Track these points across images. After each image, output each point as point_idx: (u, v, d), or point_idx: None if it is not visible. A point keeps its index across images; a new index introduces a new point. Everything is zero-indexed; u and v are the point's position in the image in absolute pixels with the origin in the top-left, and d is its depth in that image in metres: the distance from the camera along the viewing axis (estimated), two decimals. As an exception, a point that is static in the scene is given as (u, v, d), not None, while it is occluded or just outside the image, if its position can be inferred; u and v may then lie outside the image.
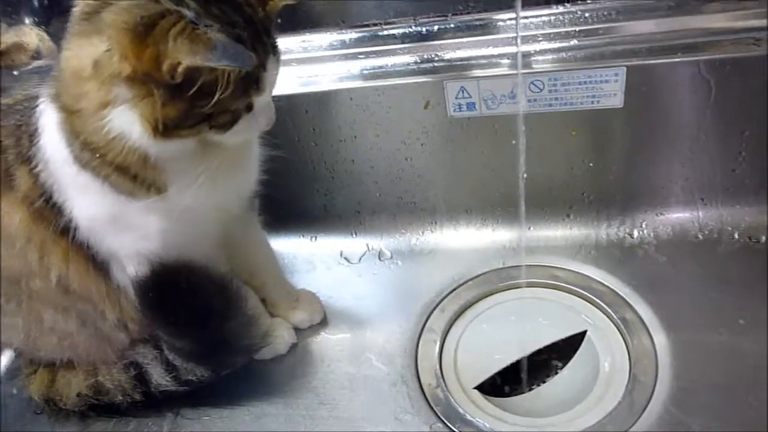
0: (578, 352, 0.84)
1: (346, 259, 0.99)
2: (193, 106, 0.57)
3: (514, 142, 0.87)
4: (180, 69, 0.53)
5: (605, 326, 0.83)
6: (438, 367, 0.82)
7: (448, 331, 0.87)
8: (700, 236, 0.90)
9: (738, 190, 0.87)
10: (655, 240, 0.91)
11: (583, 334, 0.84)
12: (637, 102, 0.82)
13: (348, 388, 0.81)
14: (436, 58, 0.86)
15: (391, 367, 0.83)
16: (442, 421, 0.76)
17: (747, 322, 0.78)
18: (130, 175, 0.62)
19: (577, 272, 0.89)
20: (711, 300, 0.82)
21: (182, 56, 0.52)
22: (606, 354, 0.81)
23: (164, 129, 0.57)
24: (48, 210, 0.67)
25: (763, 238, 0.87)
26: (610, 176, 0.90)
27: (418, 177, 0.95)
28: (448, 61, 0.86)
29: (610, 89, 0.80)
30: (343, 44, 0.90)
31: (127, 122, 0.57)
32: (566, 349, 0.86)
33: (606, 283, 0.87)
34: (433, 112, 0.86)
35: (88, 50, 0.56)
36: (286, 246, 1.02)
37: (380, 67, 0.88)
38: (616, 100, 0.81)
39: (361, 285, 0.95)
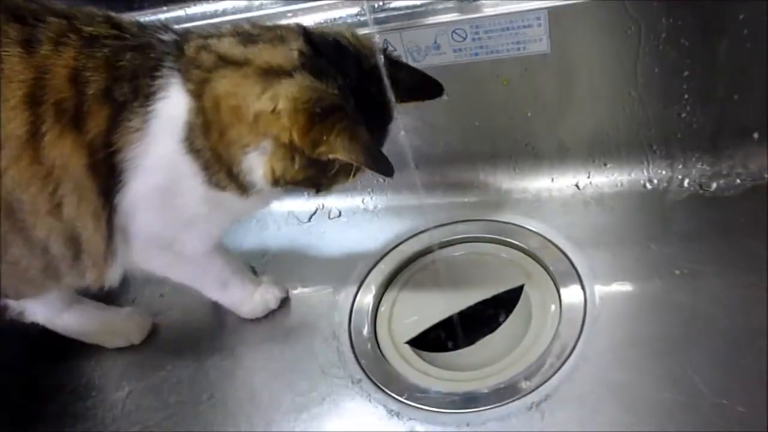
0: (516, 307, 0.83)
1: (296, 218, 1.00)
2: (319, 176, 0.66)
3: (446, 97, 0.86)
4: (331, 156, 0.61)
5: (542, 279, 0.82)
6: (372, 322, 0.83)
7: (386, 287, 0.87)
8: (649, 186, 0.86)
9: (688, 136, 0.83)
10: (601, 191, 0.88)
11: (522, 287, 0.83)
12: (566, 46, 0.78)
13: (282, 342, 0.83)
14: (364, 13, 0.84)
15: (326, 322, 0.84)
16: (367, 375, 0.77)
17: (683, 273, 0.75)
18: (233, 176, 0.66)
19: (520, 226, 0.87)
20: (651, 251, 0.79)
21: (339, 151, 0.60)
22: (538, 308, 0.79)
23: (282, 182, 0.65)
24: (102, 165, 0.63)
25: (714, 186, 0.82)
26: (552, 125, 0.87)
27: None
28: (376, 12, 0.83)
29: (534, 34, 0.77)
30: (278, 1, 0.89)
31: (256, 165, 0.64)
32: (510, 303, 0.84)
33: (547, 236, 0.85)
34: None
35: (251, 99, 0.61)
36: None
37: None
38: (542, 45, 0.78)
39: (309, 243, 0.96)
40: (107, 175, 0.64)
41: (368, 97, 0.65)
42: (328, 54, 0.64)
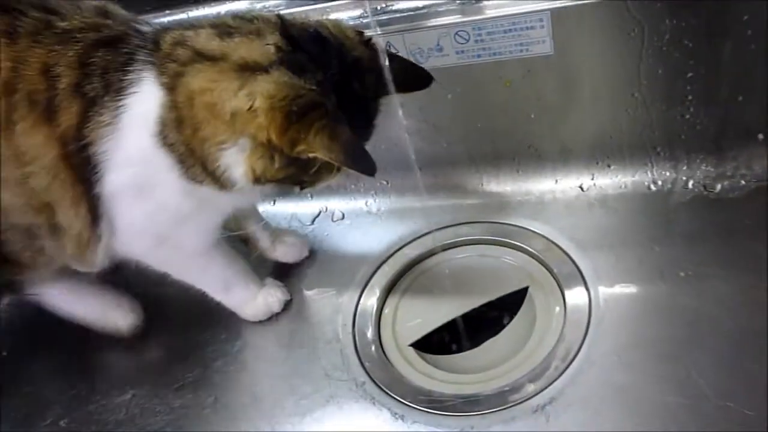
0: (520, 309, 0.83)
1: (299, 220, 1.00)
2: (301, 174, 0.65)
3: (450, 96, 0.86)
4: (310, 155, 0.60)
5: (546, 282, 0.82)
6: (375, 324, 0.83)
7: (390, 289, 0.87)
8: (653, 187, 0.86)
9: (692, 138, 0.82)
10: (605, 192, 0.88)
11: (526, 290, 0.83)
12: (569, 48, 0.78)
13: (285, 345, 0.83)
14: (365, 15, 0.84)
15: (329, 324, 0.84)
16: (371, 378, 0.77)
17: (687, 275, 0.75)
18: (209, 171, 0.65)
19: (524, 228, 0.87)
20: (655, 253, 0.79)
21: (318, 150, 0.59)
22: (542, 310, 0.79)
23: (263, 180, 0.65)
24: (76, 157, 0.65)
25: (718, 187, 0.82)
26: (555, 127, 0.87)
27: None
28: (378, 14, 0.83)
29: (537, 36, 0.77)
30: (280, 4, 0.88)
31: (234, 163, 0.64)
32: (515, 305, 0.84)
33: (551, 238, 0.85)
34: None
35: (227, 96, 0.60)
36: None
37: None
38: (546, 47, 0.78)
39: (312, 245, 0.95)
40: (83, 165, 0.65)
41: (351, 92, 0.64)
42: (307, 47, 0.63)
